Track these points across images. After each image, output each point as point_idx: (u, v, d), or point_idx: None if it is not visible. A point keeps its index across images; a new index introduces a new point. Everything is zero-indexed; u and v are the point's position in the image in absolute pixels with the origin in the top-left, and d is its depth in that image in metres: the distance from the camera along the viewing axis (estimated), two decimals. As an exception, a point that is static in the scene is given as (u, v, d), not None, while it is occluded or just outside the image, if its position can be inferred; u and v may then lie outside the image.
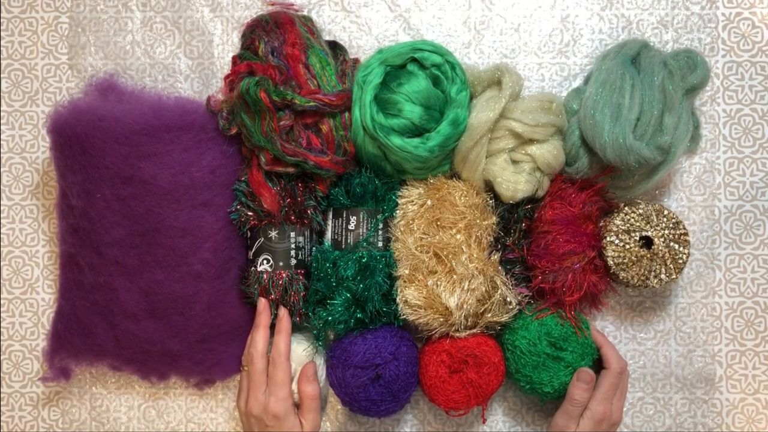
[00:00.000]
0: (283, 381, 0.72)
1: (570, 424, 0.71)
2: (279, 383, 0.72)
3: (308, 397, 0.73)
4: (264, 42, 0.71)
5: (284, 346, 0.73)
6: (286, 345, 0.73)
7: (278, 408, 0.71)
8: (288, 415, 0.71)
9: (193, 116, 0.73)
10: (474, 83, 0.73)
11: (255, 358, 0.73)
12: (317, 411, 0.73)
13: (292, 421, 0.71)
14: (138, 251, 0.72)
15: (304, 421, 0.72)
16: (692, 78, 0.72)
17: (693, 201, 0.81)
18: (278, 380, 0.72)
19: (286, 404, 0.71)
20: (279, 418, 0.71)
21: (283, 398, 0.71)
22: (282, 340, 0.73)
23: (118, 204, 0.71)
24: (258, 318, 0.74)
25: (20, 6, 0.83)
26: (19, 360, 0.83)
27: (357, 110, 0.71)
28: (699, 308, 0.81)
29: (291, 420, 0.71)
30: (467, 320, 0.72)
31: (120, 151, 0.70)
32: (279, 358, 0.72)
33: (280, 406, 0.71)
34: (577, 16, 0.81)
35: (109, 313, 0.73)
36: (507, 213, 0.75)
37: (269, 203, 0.72)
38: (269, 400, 0.71)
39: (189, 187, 0.72)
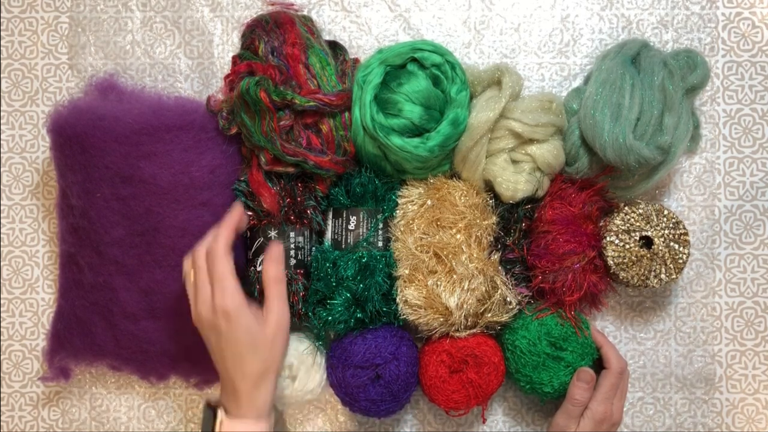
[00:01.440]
0: (223, 274, 0.63)
1: (570, 424, 0.71)
2: (220, 277, 0.63)
3: (271, 281, 0.66)
4: (264, 42, 0.71)
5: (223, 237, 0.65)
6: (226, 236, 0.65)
7: (226, 303, 0.63)
8: (240, 310, 0.63)
9: (192, 116, 0.73)
10: (474, 83, 0.73)
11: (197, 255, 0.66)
12: (282, 299, 0.66)
13: (246, 315, 0.64)
14: (138, 251, 0.72)
15: (268, 312, 0.65)
16: (692, 78, 0.72)
17: (693, 201, 0.81)
18: (218, 274, 0.64)
19: (235, 298, 0.63)
20: (229, 314, 0.63)
21: (230, 293, 0.63)
22: (222, 230, 0.65)
23: (117, 203, 0.71)
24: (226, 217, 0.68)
25: (20, 6, 0.83)
26: (19, 360, 0.83)
27: (357, 110, 0.71)
28: (699, 308, 0.81)
29: (245, 315, 0.64)
30: (467, 320, 0.72)
31: (120, 150, 0.70)
32: (216, 249, 0.64)
33: (228, 301, 0.63)
34: (577, 16, 0.81)
35: (109, 313, 0.73)
36: (507, 213, 0.75)
37: (269, 203, 0.72)
38: (214, 298, 0.64)
39: (189, 186, 0.72)
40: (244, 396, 0.65)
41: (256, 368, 0.65)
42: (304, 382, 0.74)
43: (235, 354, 0.65)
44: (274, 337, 0.66)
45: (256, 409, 0.65)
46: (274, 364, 0.66)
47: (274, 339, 0.66)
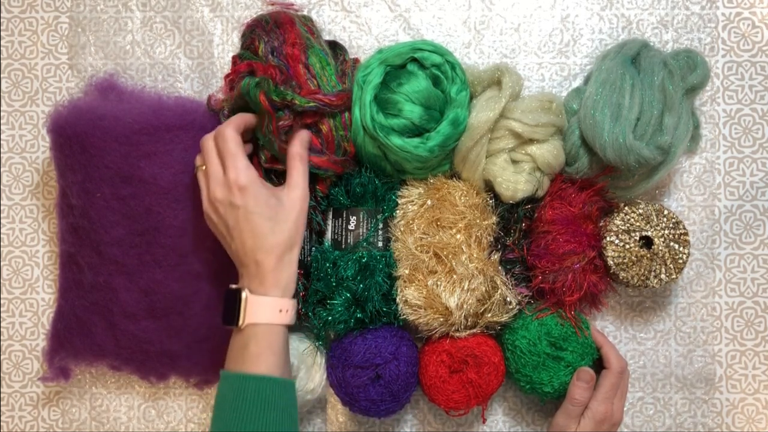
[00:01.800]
0: (234, 151, 0.64)
1: (570, 423, 0.71)
2: (231, 154, 0.64)
3: (296, 157, 0.66)
4: (264, 42, 0.71)
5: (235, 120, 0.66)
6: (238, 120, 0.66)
7: (240, 178, 0.63)
8: (256, 182, 0.63)
9: (193, 116, 0.73)
10: (474, 83, 0.73)
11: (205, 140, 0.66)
12: (305, 177, 0.66)
13: (262, 188, 0.64)
14: (138, 251, 0.72)
15: (290, 186, 0.65)
16: (692, 78, 0.72)
17: (693, 201, 0.81)
18: (229, 152, 0.64)
19: (249, 172, 0.63)
20: (245, 188, 0.63)
21: (243, 167, 0.63)
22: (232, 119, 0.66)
23: (117, 203, 0.71)
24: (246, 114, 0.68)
25: (20, 6, 0.83)
26: (19, 360, 0.83)
27: (357, 110, 0.71)
28: (699, 308, 0.81)
29: (261, 187, 0.64)
30: (467, 320, 0.72)
31: (120, 150, 0.70)
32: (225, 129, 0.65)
33: (242, 175, 0.63)
34: (577, 16, 0.81)
35: (109, 313, 0.73)
36: (507, 213, 0.75)
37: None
38: (228, 174, 0.64)
39: (189, 186, 0.72)
40: (268, 272, 0.64)
41: (279, 241, 0.64)
42: (304, 382, 0.74)
43: (255, 229, 0.64)
44: (296, 211, 0.65)
45: (281, 285, 0.65)
46: (296, 237, 0.65)
47: (297, 212, 0.65)
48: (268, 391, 0.62)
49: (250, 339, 0.64)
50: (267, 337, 0.64)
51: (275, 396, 0.62)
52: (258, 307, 0.64)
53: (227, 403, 0.62)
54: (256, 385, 0.62)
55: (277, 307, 0.64)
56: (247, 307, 0.64)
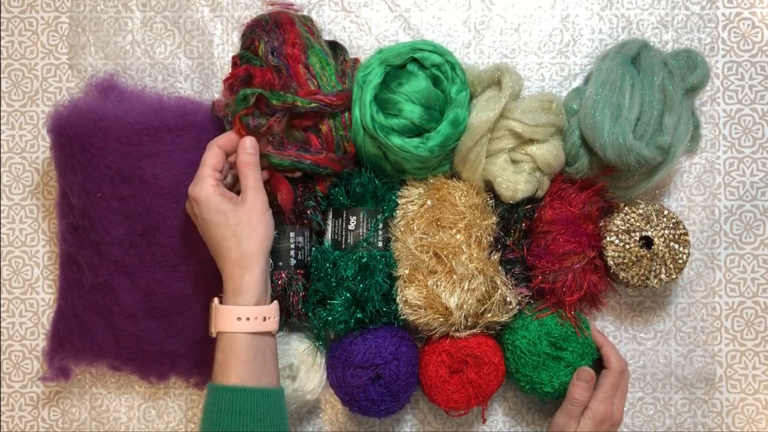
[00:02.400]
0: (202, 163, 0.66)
1: (570, 423, 0.71)
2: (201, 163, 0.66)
3: (242, 165, 0.67)
4: (264, 42, 0.71)
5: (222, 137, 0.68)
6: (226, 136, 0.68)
7: (194, 189, 0.65)
8: (209, 195, 0.64)
9: (194, 116, 0.73)
10: (474, 83, 0.73)
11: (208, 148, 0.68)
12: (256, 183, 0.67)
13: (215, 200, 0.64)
14: (138, 251, 0.72)
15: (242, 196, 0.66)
16: (692, 78, 0.72)
17: (693, 201, 0.81)
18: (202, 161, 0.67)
19: (204, 184, 0.65)
20: (198, 199, 0.65)
21: (201, 176, 0.65)
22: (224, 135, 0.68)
23: (118, 203, 0.71)
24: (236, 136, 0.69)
25: (20, 6, 0.83)
26: (19, 360, 0.83)
27: (357, 110, 0.71)
28: (699, 308, 0.81)
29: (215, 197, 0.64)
30: (467, 320, 0.72)
31: (120, 150, 0.70)
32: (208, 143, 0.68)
33: (196, 187, 0.65)
34: (577, 16, 0.81)
35: (109, 313, 0.73)
36: (507, 213, 0.75)
37: (284, 199, 0.71)
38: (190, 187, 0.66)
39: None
40: (228, 278, 0.65)
41: (231, 245, 0.65)
42: (304, 382, 0.74)
43: (212, 236, 0.65)
44: (249, 214, 0.65)
45: (241, 292, 0.64)
46: (254, 241, 0.65)
47: (249, 215, 0.65)
48: (243, 402, 0.62)
49: (218, 349, 0.64)
50: (231, 346, 0.63)
51: (250, 406, 0.62)
52: (220, 316, 0.64)
53: (206, 415, 0.63)
54: (230, 397, 0.62)
55: (235, 315, 0.64)
56: (215, 317, 0.65)
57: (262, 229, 0.66)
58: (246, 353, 0.63)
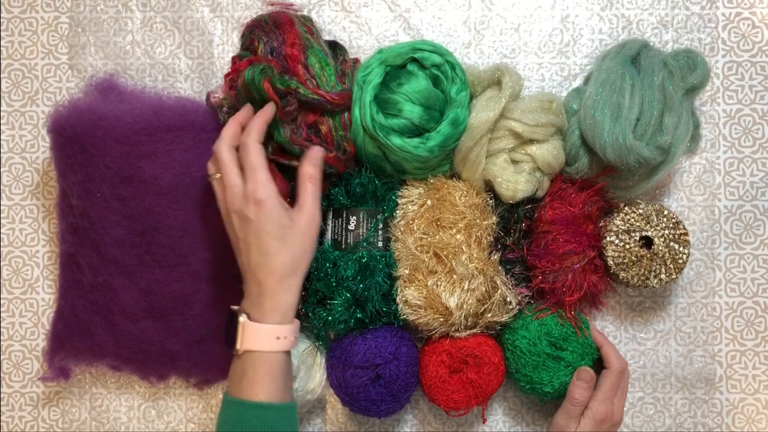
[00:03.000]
0: (257, 163, 0.62)
1: (570, 423, 0.71)
2: (253, 166, 0.62)
3: (306, 177, 0.64)
4: (263, 42, 0.71)
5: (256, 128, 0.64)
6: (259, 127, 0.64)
7: (258, 191, 0.61)
8: (272, 199, 0.62)
9: (193, 116, 0.73)
10: (474, 83, 0.73)
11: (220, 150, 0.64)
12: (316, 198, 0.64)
13: (278, 206, 0.62)
14: (138, 251, 0.72)
15: (300, 208, 0.64)
16: (692, 78, 0.72)
17: (693, 201, 0.81)
18: (252, 163, 0.62)
19: (267, 187, 0.62)
20: (261, 202, 0.61)
21: (263, 181, 0.62)
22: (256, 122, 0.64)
23: (118, 203, 0.71)
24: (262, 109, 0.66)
25: (20, 6, 0.83)
26: (19, 360, 0.83)
27: (357, 110, 0.71)
28: (699, 308, 0.81)
29: (277, 206, 0.62)
30: (467, 320, 0.72)
31: (120, 150, 0.70)
32: (248, 138, 0.63)
33: (260, 189, 0.62)
34: (577, 16, 0.81)
35: (109, 313, 0.73)
36: (507, 213, 0.75)
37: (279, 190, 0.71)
38: (246, 186, 0.62)
39: (189, 187, 0.72)
40: (268, 294, 0.62)
41: (283, 262, 0.62)
42: (305, 382, 0.74)
43: (262, 246, 0.62)
44: (304, 234, 0.63)
45: (280, 311, 0.63)
46: (302, 263, 0.64)
47: (305, 235, 0.63)
48: (268, 419, 0.61)
49: (248, 366, 0.62)
50: (265, 365, 0.62)
51: (275, 423, 0.61)
52: (255, 334, 0.62)
53: (225, 427, 0.62)
54: (256, 414, 0.61)
55: (275, 335, 0.62)
56: (245, 334, 0.63)
57: (311, 251, 0.65)
58: (277, 371, 0.62)
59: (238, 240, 0.64)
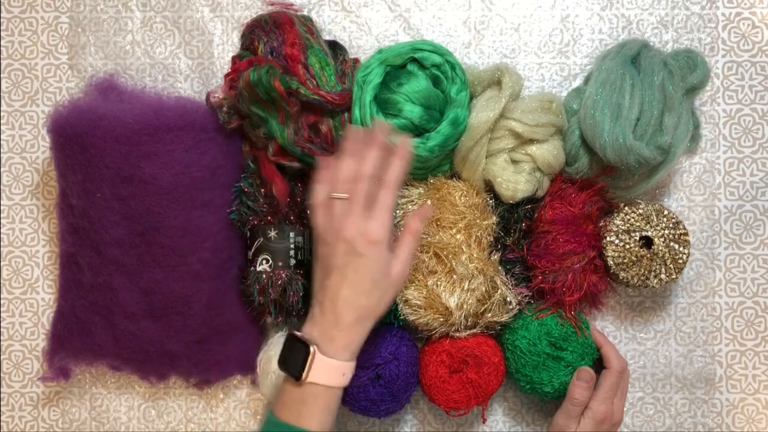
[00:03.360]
0: (390, 206, 0.64)
1: (570, 423, 0.71)
2: (386, 207, 0.63)
3: (410, 231, 0.65)
4: (263, 42, 0.71)
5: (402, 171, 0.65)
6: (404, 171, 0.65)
7: (379, 232, 0.62)
8: (386, 244, 0.63)
9: (193, 116, 0.73)
10: (474, 83, 0.73)
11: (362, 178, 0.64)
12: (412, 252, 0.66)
13: (387, 255, 0.63)
14: (138, 251, 0.72)
15: (398, 258, 0.64)
16: (692, 78, 0.72)
17: (693, 201, 0.81)
18: (386, 203, 0.63)
19: (387, 232, 0.63)
20: (376, 244, 0.62)
21: (386, 225, 0.63)
22: (401, 165, 0.65)
23: (118, 203, 0.71)
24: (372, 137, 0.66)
25: (20, 6, 0.83)
26: (19, 360, 0.83)
27: (357, 110, 0.71)
28: (699, 308, 0.81)
29: (387, 254, 0.63)
30: (467, 320, 0.72)
31: (120, 150, 0.70)
32: (394, 182, 0.64)
33: (382, 231, 0.62)
34: (577, 16, 0.81)
35: (109, 313, 0.73)
36: (507, 213, 0.75)
37: (280, 191, 0.72)
38: (370, 223, 0.62)
39: (189, 187, 0.72)
40: (345, 330, 0.62)
41: (369, 304, 0.63)
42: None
43: (356, 284, 0.62)
44: (395, 283, 0.64)
45: (351, 349, 0.63)
46: (381, 308, 0.64)
47: (395, 285, 0.64)
48: None
49: (309, 396, 0.62)
50: (326, 398, 0.62)
51: None
52: (325, 368, 0.62)
53: None
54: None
55: (342, 371, 0.63)
56: (313, 366, 0.62)
57: (395, 295, 0.65)
58: (334, 404, 0.63)
59: (332, 267, 0.63)
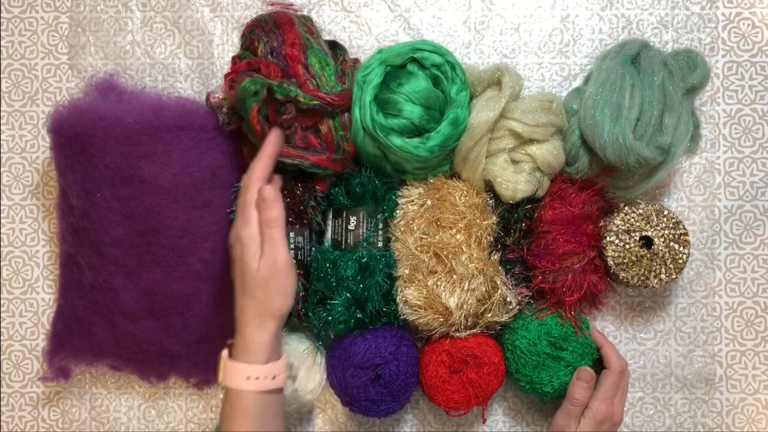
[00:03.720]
0: (248, 202, 0.65)
1: (570, 423, 0.71)
2: (245, 204, 0.65)
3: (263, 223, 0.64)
4: (263, 42, 0.71)
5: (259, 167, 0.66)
6: (262, 166, 0.67)
7: (241, 231, 0.65)
8: (248, 241, 0.64)
9: (193, 116, 0.73)
10: (474, 83, 0.73)
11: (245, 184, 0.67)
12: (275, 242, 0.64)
13: (251, 251, 0.64)
14: (138, 251, 0.72)
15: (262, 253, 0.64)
16: (692, 78, 0.72)
17: (693, 201, 0.81)
18: (245, 201, 0.66)
19: (249, 229, 0.64)
20: (241, 242, 0.65)
21: (247, 220, 0.65)
22: (259, 161, 0.67)
23: (118, 204, 0.71)
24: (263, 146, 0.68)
25: (20, 6, 0.83)
26: (19, 360, 0.83)
27: (357, 110, 0.71)
28: (699, 308, 0.81)
29: (251, 250, 0.64)
30: (467, 320, 0.72)
31: (120, 150, 0.70)
32: (249, 180, 0.66)
33: (243, 229, 0.65)
34: (577, 16, 0.81)
35: (109, 313, 0.73)
36: (507, 213, 0.75)
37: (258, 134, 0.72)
38: (237, 222, 0.66)
39: (189, 187, 0.72)
40: (241, 336, 0.64)
41: (251, 307, 0.64)
42: (304, 381, 0.74)
43: (237, 283, 0.65)
44: (266, 279, 0.63)
45: (252, 350, 0.63)
46: (270, 307, 0.64)
47: (268, 283, 0.63)
48: None
49: (226, 402, 0.64)
50: (240, 403, 0.63)
51: None
52: (229, 371, 0.64)
53: None
54: None
55: (245, 374, 0.63)
56: (224, 370, 0.65)
57: (277, 289, 0.64)
58: (253, 411, 0.63)
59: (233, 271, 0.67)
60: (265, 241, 0.64)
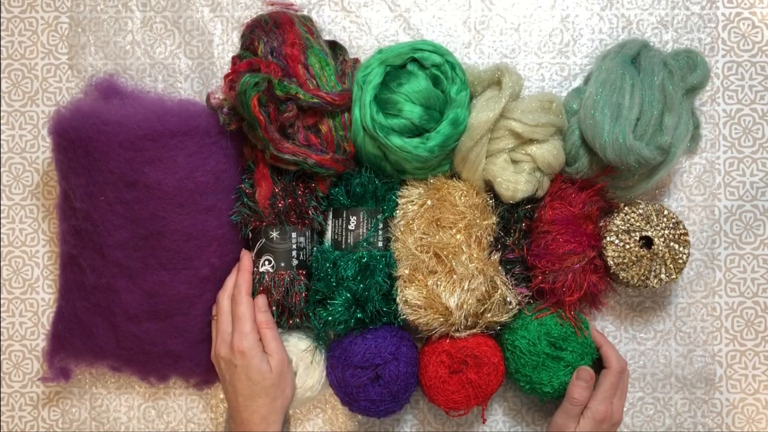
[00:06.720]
0: (244, 315, 0.70)
1: (570, 423, 0.71)
2: (241, 317, 0.70)
3: (262, 326, 0.71)
4: (263, 42, 0.71)
5: (244, 283, 0.72)
6: (246, 282, 0.72)
7: (243, 343, 0.70)
8: (254, 350, 0.70)
9: (197, 120, 0.72)
10: (474, 83, 0.73)
11: (220, 299, 0.73)
12: (277, 340, 0.72)
13: (259, 356, 0.70)
14: (142, 254, 0.72)
15: (269, 355, 0.71)
16: (692, 78, 0.72)
17: (693, 201, 0.81)
18: (240, 314, 0.71)
19: (251, 339, 0.70)
20: (244, 353, 0.70)
21: (247, 332, 0.70)
22: (242, 277, 0.72)
23: (121, 207, 0.71)
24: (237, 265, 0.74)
25: (20, 6, 0.83)
26: (19, 360, 0.83)
27: (357, 110, 0.71)
28: (699, 308, 0.81)
29: (258, 356, 0.70)
30: (467, 320, 0.72)
31: (124, 155, 0.70)
32: (239, 295, 0.71)
33: (244, 341, 0.70)
34: (577, 16, 0.81)
35: (110, 315, 0.73)
36: (507, 213, 0.75)
37: (261, 195, 0.72)
38: (233, 336, 0.70)
39: (193, 191, 0.71)
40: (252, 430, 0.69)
41: (266, 405, 0.70)
42: (303, 379, 0.74)
43: (246, 390, 0.70)
44: (279, 377, 0.71)
45: None
46: (283, 401, 0.71)
47: (280, 378, 0.71)
48: None
49: None
50: None
51: None
52: None
53: None
54: None
55: None
56: None
57: (288, 389, 0.72)
58: None
59: (225, 382, 0.72)
60: (266, 342, 0.71)
